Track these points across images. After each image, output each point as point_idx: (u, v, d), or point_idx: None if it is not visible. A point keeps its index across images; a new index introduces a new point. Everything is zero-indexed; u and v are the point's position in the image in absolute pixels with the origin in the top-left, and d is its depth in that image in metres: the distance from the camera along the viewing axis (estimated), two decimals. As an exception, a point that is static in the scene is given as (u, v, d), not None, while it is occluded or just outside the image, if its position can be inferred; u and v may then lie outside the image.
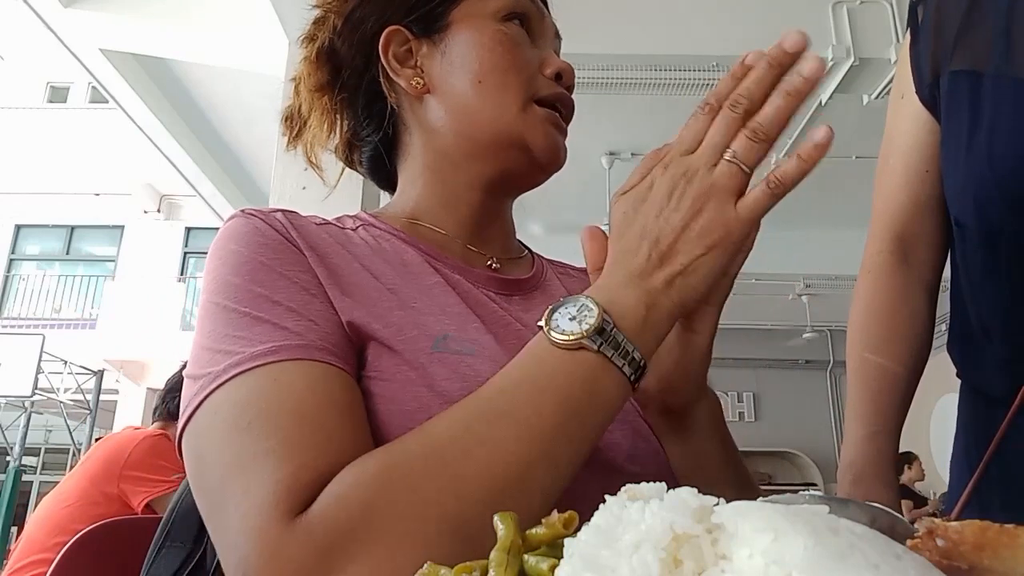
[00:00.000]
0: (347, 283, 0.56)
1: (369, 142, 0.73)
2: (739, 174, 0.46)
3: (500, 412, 0.43)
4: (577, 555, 0.24)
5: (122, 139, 8.05)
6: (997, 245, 0.78)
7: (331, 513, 0.41)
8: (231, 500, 0.43)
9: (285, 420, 0.44)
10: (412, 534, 0.40)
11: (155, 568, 0.67)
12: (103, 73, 4.30)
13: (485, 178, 0.67)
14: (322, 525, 0.40)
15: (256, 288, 0.52)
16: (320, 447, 0.43)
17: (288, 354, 0.48)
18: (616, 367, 0.44)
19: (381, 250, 0.63)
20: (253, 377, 0.46)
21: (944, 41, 0.84)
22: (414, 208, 0.69)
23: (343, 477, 0.42)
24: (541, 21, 0.69)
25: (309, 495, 0.42)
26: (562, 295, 0.68)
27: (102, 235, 11.58)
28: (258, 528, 0.41)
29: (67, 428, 9.48)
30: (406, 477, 0.42)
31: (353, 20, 0.69)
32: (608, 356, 0.44)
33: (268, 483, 0.42)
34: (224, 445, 0.45)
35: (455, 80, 0.65)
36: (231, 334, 0.49)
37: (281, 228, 0.57)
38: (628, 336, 0.44)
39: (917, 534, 0.26)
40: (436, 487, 0.41)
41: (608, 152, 5.03)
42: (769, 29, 3.64)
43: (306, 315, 0.51)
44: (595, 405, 0.44)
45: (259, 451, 0.43)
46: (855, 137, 4.30)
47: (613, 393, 0.45)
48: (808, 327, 7.48)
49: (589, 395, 0.44)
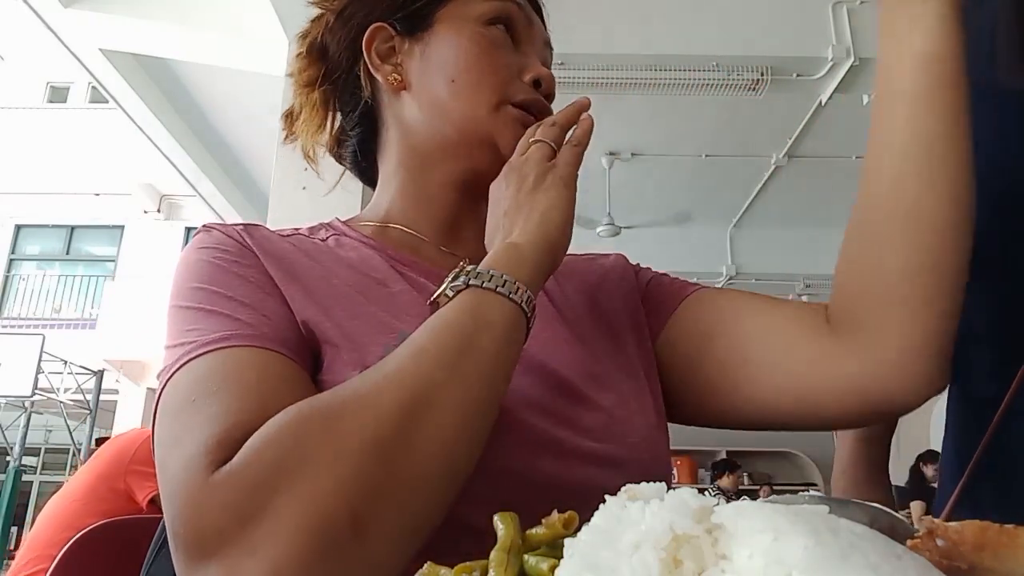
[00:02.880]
0: (304, 285, 0.57)
1: (351, 137, 0.74)
2: (545, 146, 0.60)
3: (404, 353, 0.47)
4: (577, 555, 0.24)
5: (122, 139, 8.06)
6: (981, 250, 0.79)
7: (247, 458, 0.41)
8: (170, 461, 0.44)
9: (229, 391, 0.46)
10: (330, 462, 0.40)
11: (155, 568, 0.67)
12: (103, 73, 4.30)
13: (457, 177, 0.67)
14: (240, 472, 0.41)
15: (211, 287, 0.54)
16: (257, 410, 0.44)
17: (240, 341, 0.49)
18: (492, 292, 0.50)
19: (347, 259, 0.64)
20: (203, 361, 0.48)
21: None
22: (388, 208, 0.70)
23: (261, 429, 0.43)
24: (528, 28, 0.69)
25: (238, 449, 0.42)
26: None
27: (102, 235, 11.58)
28: (185, 480, 0.42)
29: (67, 428, 9.48)
30: (321, 414, 0.43)
31: (343, 16, 0.70)
32: (481, 286, 0.50)
33: (200, 439, 0.43)
34: (171, 420, 0.46)
35: (430, 78, 0.66)
36: (186, 329, 0.51)
37: (238, 237, 0.59)
38: (501, 270, 0.51)
39: (917, 534, 0.26)
40: (351, 415, 0.43)
41: (608, 152, 5.04)
42: (769, 29, 3.66)
43: (260, 310, 0.53)
44: (486, 327, 0.48)
45: (200, 418, 0.45)
46: (855, 137, 4.30)
47: (499, 312, 0.50)
48: (808, 327, 7.47)
49: (475, 319, 0.49)
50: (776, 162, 5.06)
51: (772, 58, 3.64)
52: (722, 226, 6.22)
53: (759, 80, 3.69)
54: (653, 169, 5.27)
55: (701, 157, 5.05)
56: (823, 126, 4.45)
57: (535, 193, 0.57)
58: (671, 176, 5.39)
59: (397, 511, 0.41)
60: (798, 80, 3.76)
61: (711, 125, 4.66)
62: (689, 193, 5.64)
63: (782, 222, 5.72)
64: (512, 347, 0.50)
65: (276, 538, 0.39)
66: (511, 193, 0.58)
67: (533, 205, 0.56)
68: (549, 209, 0.56)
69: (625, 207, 5.51)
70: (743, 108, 4.25)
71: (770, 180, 5.33)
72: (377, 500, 0.40)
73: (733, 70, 3.66)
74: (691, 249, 6.32)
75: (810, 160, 4.98)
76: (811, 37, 3.58)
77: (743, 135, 4.78)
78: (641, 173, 5.28)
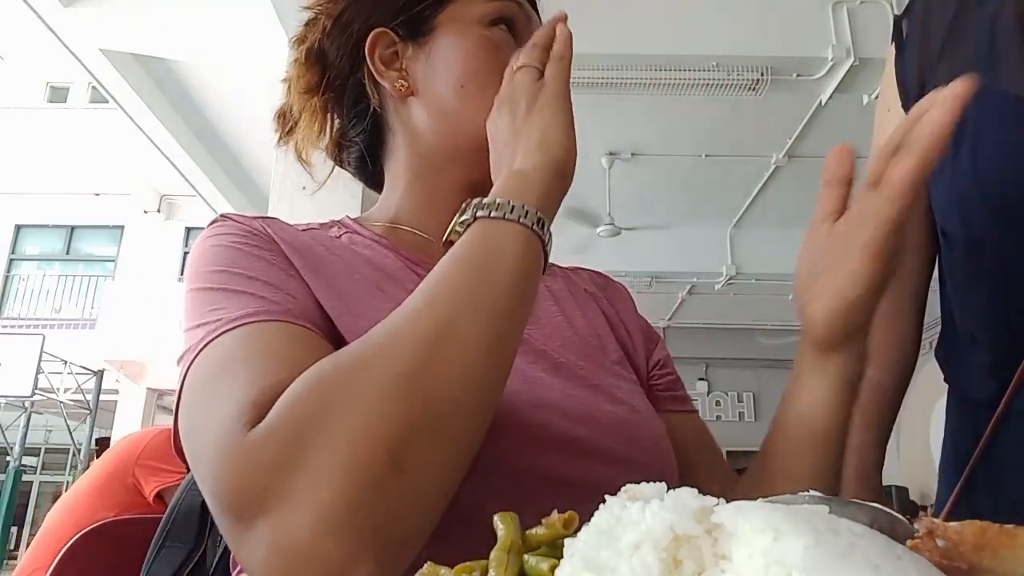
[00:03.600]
0: (325, 277, 0.57)
1: (356, 143, 0.73)
2: (530, 69, 0.59)
3: (419, 295, 0.47)
4: (577, 555, 0.24)
5: (122, 139, 8.06)
6: (981, 253, 0.79)
7: (279, 414, 0.41)
8: (203, 428, 0.44)
9: (259, 358, 0.46)
10: (358, 405, 0.41)
11: (155, 568, 0.67)
12: (103, 73, 4.30)
13: (466, 181, 0.67)
14: (274, 428, 0.41)
15: (232, 269, 0.53)
16: (288, 372, 0.44)
17: (266, 316, 0.49)
18: (501, 219, 0.49)
19: (363, 255, 0.64)
20: (230, 336, 0.48)
21: (929, 54, 0.86)
22: (397, 211, 0.70)
23: (291, 387, 0.42)
24: (528, 25, 0.69)
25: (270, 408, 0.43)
26: (546, 294, 0.69)
27: (102, 235, 11.59)
28: (222, 444, 0.42)
29: (67, 428, 9.49)
30: (345, 362, 0.43)
31: (342, 22, 0.69)
32: (488, 215, 0.50)
33: (233, 402, 0.43)
34: (201, 390, 0.46)
35: (437, 83, 0.66)
36: (209, 309, 0.50)
37: (257, 225, 0.59)
38: (508, 197, 0.50)
39: (917, 534, 0.26)
40: (373, 359, 0.43)
41: (608, 152, 5.04)
42: (769, 29, 3.66)
43: (284, 289, 0.52)
44: (501, 255, 0.48)
45: (231, 384, 0.44)
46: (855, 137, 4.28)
47: (513, 238, 0.49)
48: (808, 327, 7.47)
49: (487, 250, 0.48)
50: (776, 162, 5.06)
51: (772, 58, 3.64)
52: (722, 226, 6.22)
53: (759, 80, 3.69)
54: (653, 169, 5.27)
55: (701, 157, 5.05)
56: (823, 126, 4.45)
57: (530, 116, 0.56)
58: (671, 176, 5.39)
59: (432, 441, 0.41)
60: (798, 80, 3.76)
61: (711, 125, 4.66)
62: (689, 193, 5.64)
63: (782, 222, 5.72)
64: (529, 274, 0.49)
65: (317, 487, 0.39)
66: (506, 123, 0.58)
67: (531, 129, 0.56)
68: (548, 128, 0.55)
69: (625, 207, 5.51)
70: (743, 108, 4.26)
71: (770, 180, 5.33)
72: (410, 434, 0.41)
73: (733, 70, 3.66)
74: (691, 249, 6.33)
75: (810, 160, 4.98)
76: (811, 37, 3.58)
77: (743, 135, 4.78)
78: (641, 173, 5.28)
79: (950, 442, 0.90)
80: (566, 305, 0.71)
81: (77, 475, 9.02)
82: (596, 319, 0.72)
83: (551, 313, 0.68)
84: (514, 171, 0.54)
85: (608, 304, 0.75)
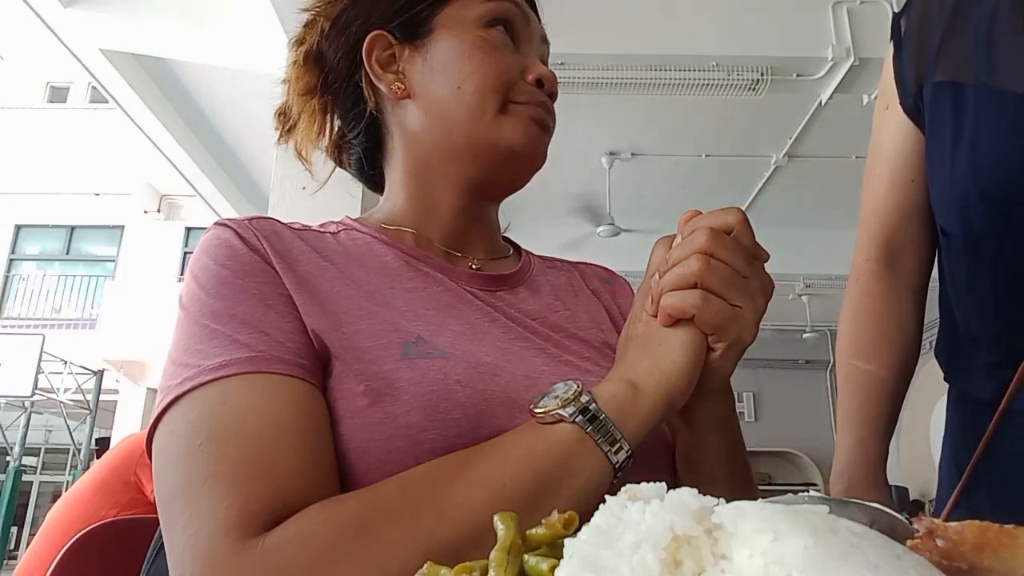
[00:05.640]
0: (317, 290, 0.57)
1: (355, 145, 0.73)
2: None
3: (477, 477, 0.45)
4: (577, 555, 0.24)
5: (122, 139, 8.05)
6: (980, 252, 0.79)
7: (292, 548, 0.42)
8: (179, 520, 0.45)
9: (232, 444, 0.46)
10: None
11: (155, 568, 0.67)
12: (103, 73, 4.29)
13: (464, 182, 0.67)
14: (280, 556, 0.41)
15: (217, 302, 0.53)
16: (267, 473, 0.45)
17: (237, 368, 0.49)
18: (593, 441, 0.47)
19: (360, 255, 0.63)
20: (204, 396, 0.48)
21: (927, 52, 0.86)
22: (396, 212, 0.70)
23: (312, 515, 0.43)
24: (526, 26, 0.69)
25: (260, 522, 0.43)
26: (548, 289, 0.69)
27: (102, 235, 11.58)
28: (208, 550, 0.42)
29: (67, 428, 9.49)
30: (377, 528, 0.43)
31: (340, 24, 0.69)
32: (585, 430, 0.47)
33: (217, 508, 0.43)
34: (177, 464, 0.47)
35: (435, 85, 0.66)
36: (190, 347, 0.51)
37: (251, 239, 0.58)
38: (610, 416, 0.47)
39: (917, 534, 0.26)
40: (405, 540, 0.42)
41: (608, 152, 5.03)
42: (769, 29, 3.66)
43: (258, 327, 0.52)
44: (570, 479, 0.46)
45: (208, 475, 0.45)
46: (855, 137, 4.30)
47: (589, 468, 0.47)
48: (808, 327, 7.47)
49: (563, 468, 0.46)
50: (776, 162, 5.06)
51: (772, 58, 3.64)
52: (722, 226, 6.21)
53: (759, 80, 3.68)
54: (653, 169, 5.26)
55: (701, 157, 5.05)
56: (823, 126, 4.45)
57: (677, 330, 0.51)
58: (671, 176, 5.39)
59: None
60: (798, 80, 3.75)
61: (711, 125, 4.66)
62: (689, 193, 5.64)
63: (782, 222, 5.71)
64: (591, 501, 0.46)
65: None
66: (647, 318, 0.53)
67: (668, 345, 0.51)
68: (680, 347, 0.51)
69: (625, 207, 5.51)
70: (743, 108, 4.25)
71: (770, 180, 5.32)
72: None
73: (733, 70, 3.66)
74: (691, 249, 6.31)
75: (810, 160, 4.98)
76: (811, 37, 3.58)
77: (743, 135, 4.78)
78: (641, 173, 5.28)
79: (950, 442, 0.90)
80: (569, 300, 0.71)
81: (77, 475, 9.03)
82: (598, 314, 0.72)
83: (554, 308, 0.68)
84: (631, 382, 0.50)
85: (611, 299, 0.75)
